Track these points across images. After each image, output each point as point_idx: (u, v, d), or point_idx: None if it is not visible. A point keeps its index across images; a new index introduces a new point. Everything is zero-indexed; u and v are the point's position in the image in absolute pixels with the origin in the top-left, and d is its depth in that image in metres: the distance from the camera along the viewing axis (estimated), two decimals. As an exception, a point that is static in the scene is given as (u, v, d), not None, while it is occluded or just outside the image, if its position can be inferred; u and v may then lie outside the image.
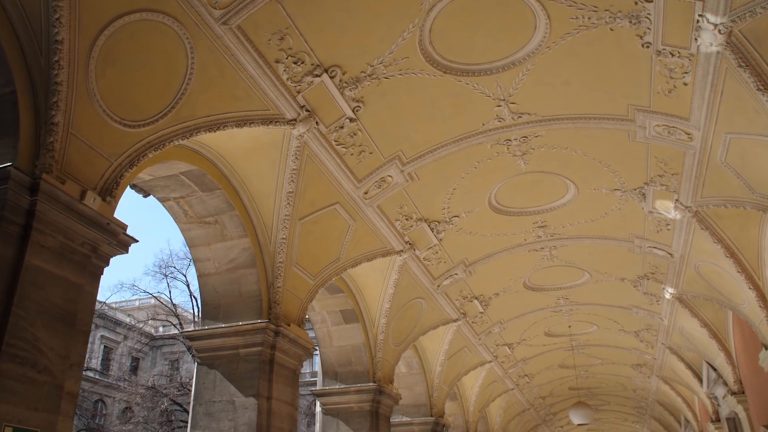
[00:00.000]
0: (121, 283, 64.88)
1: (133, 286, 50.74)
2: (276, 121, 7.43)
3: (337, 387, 11.94)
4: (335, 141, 8.29)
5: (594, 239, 12.13)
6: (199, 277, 8.91)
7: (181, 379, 36.19)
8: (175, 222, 8.72)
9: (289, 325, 8.63)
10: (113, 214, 5.89)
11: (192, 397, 8.46)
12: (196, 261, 8.90)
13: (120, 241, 5.86)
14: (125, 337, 43.62)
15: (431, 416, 15.15)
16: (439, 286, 12.81)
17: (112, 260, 5.94)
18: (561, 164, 9.84)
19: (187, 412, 32.86)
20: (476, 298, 14.21)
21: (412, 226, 10.72)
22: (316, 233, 9.16)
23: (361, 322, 11.99)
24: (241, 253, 8.68)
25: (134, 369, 44.72)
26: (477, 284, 13.63)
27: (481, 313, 14.93)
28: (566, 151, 9.47)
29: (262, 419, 7.95)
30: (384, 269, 11.42)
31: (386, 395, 11.97)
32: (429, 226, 10.94)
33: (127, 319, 43.65)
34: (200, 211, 8.50)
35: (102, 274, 5.82)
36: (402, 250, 11.01)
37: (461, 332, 15.22)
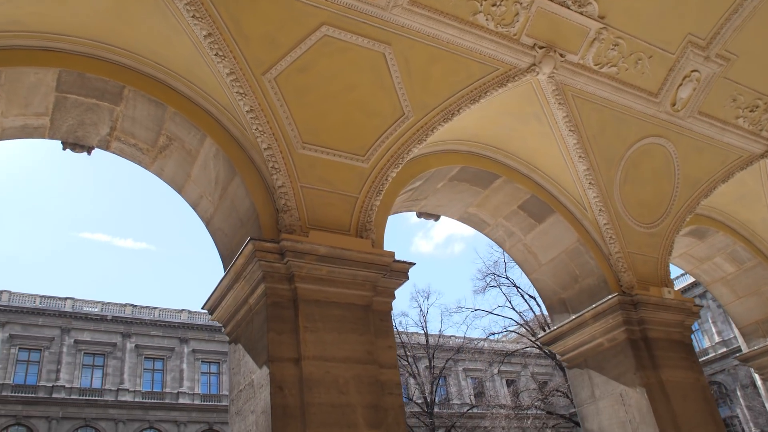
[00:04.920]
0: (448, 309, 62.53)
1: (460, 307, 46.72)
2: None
3: (568, 321, 7.40)
4: None
5: None
6: (206, 224, 6.11)
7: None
8: (146, 168, 6.16)
9: (307, 235, 5.10)
10: None
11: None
12: (195, 208, 6.14)
13: None
14: (490, 363, 41.83)
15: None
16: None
17: None
18: None
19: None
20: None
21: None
22: (319, 87, 5.52)
23: (560, 210, 7.39)
24: (213, 161, 5.63)
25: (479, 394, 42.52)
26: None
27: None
28: None
29: (280, 399, 4.46)
30: (521, 112, 6.79)
31: (652, 307, 6.93)
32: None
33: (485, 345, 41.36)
34: (144, 135, 5.79)
35: None
36: (533, 65, 6.35)
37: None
